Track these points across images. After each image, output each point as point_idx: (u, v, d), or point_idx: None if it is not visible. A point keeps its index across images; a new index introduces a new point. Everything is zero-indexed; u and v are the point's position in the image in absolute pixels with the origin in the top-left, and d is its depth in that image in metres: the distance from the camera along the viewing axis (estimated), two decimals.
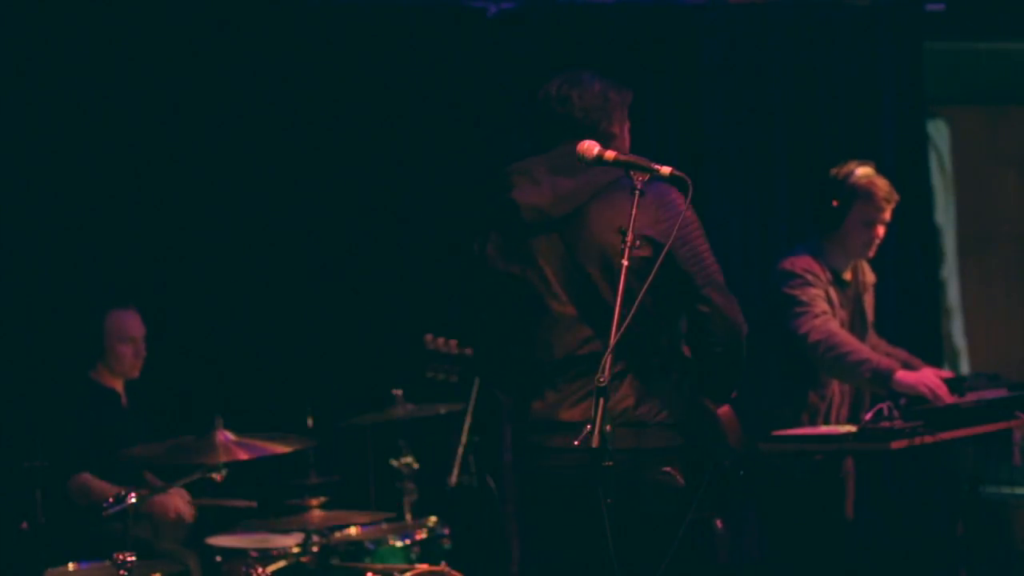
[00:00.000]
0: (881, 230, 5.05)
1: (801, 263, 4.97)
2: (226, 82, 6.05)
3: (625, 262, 3.09)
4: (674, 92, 6.67)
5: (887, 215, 5.05)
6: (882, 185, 5.04)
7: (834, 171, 5.10)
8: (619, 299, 3.04)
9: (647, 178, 3.17)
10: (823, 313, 4.88)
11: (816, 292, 4.92)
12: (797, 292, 4.91)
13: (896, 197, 5.08)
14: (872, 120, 6.91)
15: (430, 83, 6.28)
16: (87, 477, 5.13)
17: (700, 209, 6.36)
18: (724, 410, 3.55)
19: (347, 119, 6.22)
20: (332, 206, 6.19)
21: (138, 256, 5.88)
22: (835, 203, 5.01)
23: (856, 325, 5.14)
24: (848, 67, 6.90)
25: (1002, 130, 7.89)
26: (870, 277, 5.24)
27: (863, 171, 5.06)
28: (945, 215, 7.71)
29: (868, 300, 5.22)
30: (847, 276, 5.10)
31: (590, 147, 3.27)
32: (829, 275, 5.00)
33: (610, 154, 3.25)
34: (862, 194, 5.01)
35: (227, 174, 6.05)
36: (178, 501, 5.11)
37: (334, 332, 6.11)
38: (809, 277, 4.93)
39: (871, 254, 5.10)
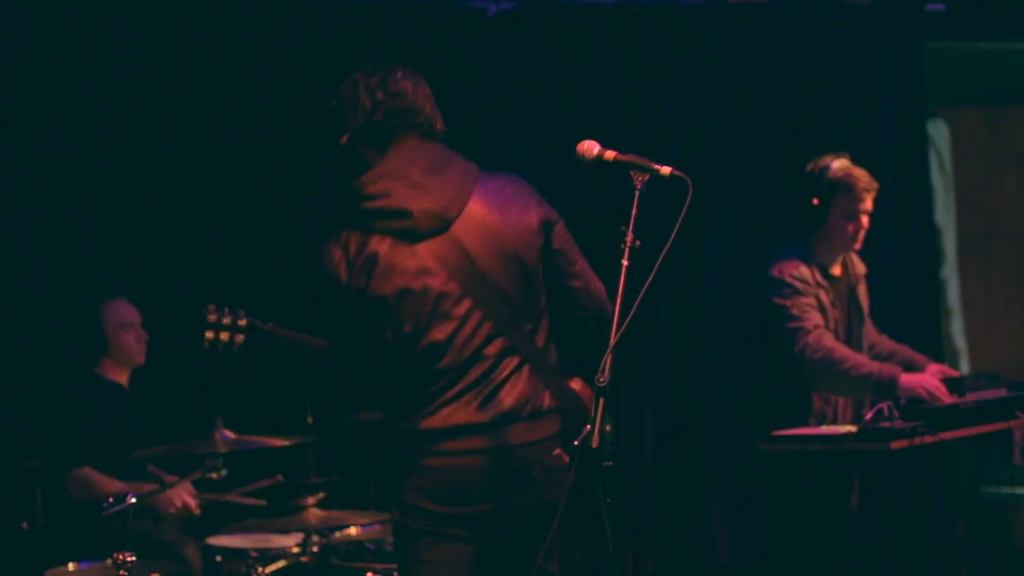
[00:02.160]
0: (865, 220, 5.03)
1: (789, 269, 4.94)
2: (225, 79, 6.04)
3: (625, 262, 3.08)
4: (674, 92, 6.67)
5: (869, 205, 5.02)
6: (860, 175, 5.01)
7: (810, 167, 5.07)
8: (619, 299, 3.03)
9: (647, 178, 3.16)
10: (816, 327, 4.86)
11: (807, 301, 4.90)
12: (788, 303, 4.89)
13: (875, 185, 5.05)
14: (872, 120, 6.90)
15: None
16: (88, 471, 5.12)
17: (700, 209, 6.45)
18: (580, 385, 3.48)
19: None
20: (331, 204, 6.17)
21: (137, 255, 5.88)
22: (815, 201, 4.99)
23: (853, 321, 5.13)
24: (848, 67, 6.90)
25: (1002, 130, 7.90)
26: (860, 268, 5.23)
27: (839, 164, 5.02)
28: (945, 215, 7.72)
29: (862, 292, 5.21)
30: (836, 271, 5.09)
31: (591, 147, 3.25)
32: (819, 275, 4.99)
33: (610, 154, 3.23)
34: (841, 188, 4.98)
35: (226, 173, 6.04)
36: (182, 493, 5.11)
37: None
38: (799, 285, 4.91)
39: (858, 246, 5.08)
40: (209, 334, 3.66)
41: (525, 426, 3.30)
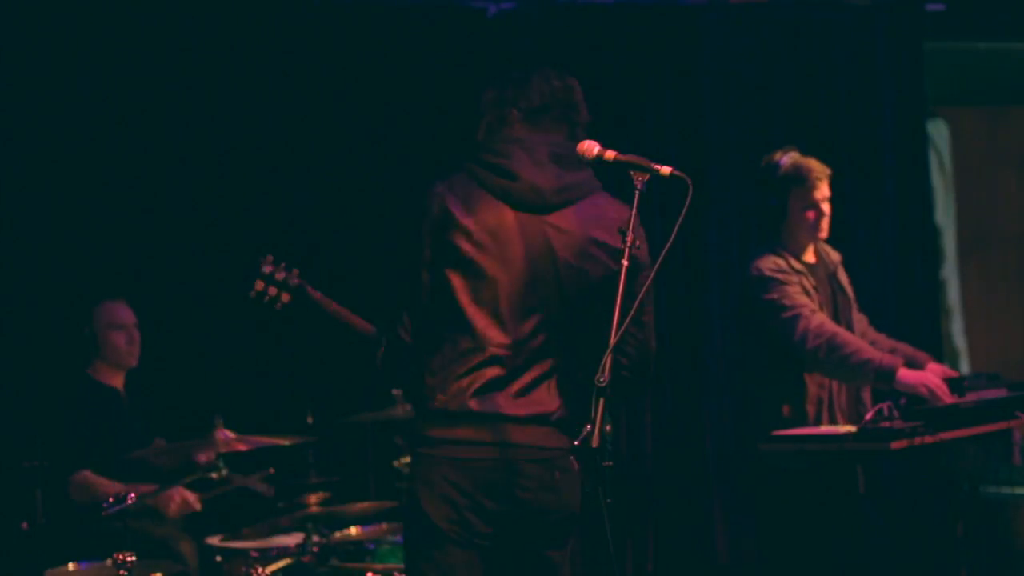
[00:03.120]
0: (825, 207, 5.09)
1: (766, 264, 4.99)
2: (224, 79, 6.04)
3: (625, 262, 3.09)
4: (674, 92, 6.67)
5: (825, 191, 5.08)
6: (811, 165, 5.07)
7: (762, 165, 5.14)
8: (619, 299, 3.04)
9: (647, 178, 3.17)
10: (813, 312, 4.89)
11: (793, 289, 4.94)
12: (776, 295, 4.92)
13: (827, 171, 5.11)
14: (872, 120, 6.91)
15: (430, 83, 6.28)
16: (88, 474, 5.12)
17: (700, 209, 6.45)
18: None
19: (347, 118, 6.22)
20: (331, 205, 6.18)
21: (137, 255, 5.88)
22: (772, 198, 5.05)
23: (840, 304, 5.15)
24: (848, 67, 6.90)
25: (1002, 130, 7.90)
26: (835, 256, 5.27)
27: (788, 158, 5.10)
28: (945, 215, 7.72)
29: (843, 277, 5.24)
30: (810, 259, 5.13)
31: (590, 147, 3.27)
32: (794, 262, 5.04)
33: (610, 154, 3.24)
34: (794, 180, 5.04)
35: (226, 173, 6.04)
36: (181, 491, 5.10)
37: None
38: (780, 276, 4.96)
39: (823, 235, 5.12)
40: (259, 284, 3.65)
41: (551, 432, 3.29)
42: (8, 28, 5.79)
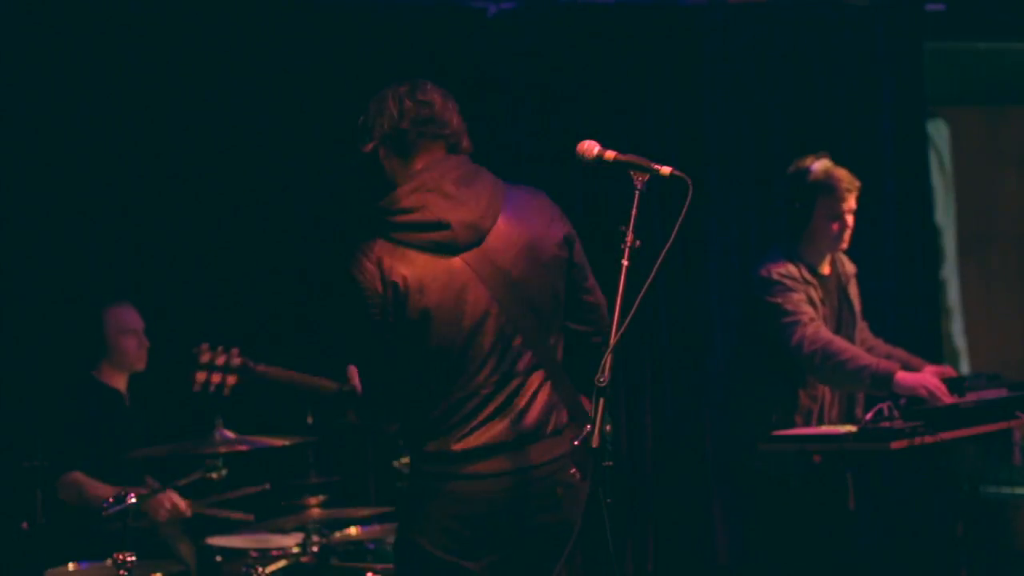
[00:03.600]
0: (850, 219, 5.07)
1: (777, 268, 4.98)
2: (224, 80, 6.04)
3: (625, 262, 3.08)
4: (674, 92, 6.67)
5: (852, 203, 5.06)
6: (841, 175, 5.05)
7: (791, 170, 5.12)
8: (619, 300, 3.03)
9: (647, 178, 3.16)
10: (812, 320, 4.88)
11: (798, 297, 4.93)
12: (780, 300, 4.92)
13: (857, 183, 5.09)
14: (872, 120, 6.91)
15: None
16: (78, 475, 5.11)
17: (700, 209, 6.45)
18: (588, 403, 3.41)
19: (347, 119, 6.20)
20: (332, 205, 6.18)
21: (137, 255, 5.88)
22: (798, 203, 5.03)
23: (844, 318, 5.15)
24: (848, 67, 6.90)
25: (1002, 130, 7.90)
26: (850, 268, 5.27)
27: (820, 165, 5.07)
28: (945, 215, 7.72)
29: (853, 291, 5.24)
30: (825, 270, 5.12)
31: (590, 147, 3.25)
32: (806, 273, 5.03)
33: (610, 154, 3.23)
34: (823, 189, 5.03)
35: (226, 173, 6.04)
36: (172, 496, 5.08)
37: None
38: (788, 282, 4.95)
39: (844, 245, 5.12)
40: (200, 376, 3.51)
41: (550, 443, 3.28)
42: (18, 35, 5.79)
